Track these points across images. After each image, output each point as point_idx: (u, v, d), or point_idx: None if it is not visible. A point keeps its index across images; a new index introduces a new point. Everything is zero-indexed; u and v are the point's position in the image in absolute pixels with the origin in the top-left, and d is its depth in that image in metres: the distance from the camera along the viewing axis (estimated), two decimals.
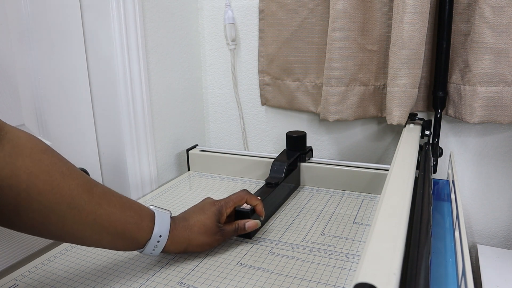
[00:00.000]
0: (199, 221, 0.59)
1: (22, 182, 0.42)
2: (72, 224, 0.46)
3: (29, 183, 0.42)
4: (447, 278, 0.52)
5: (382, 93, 0.91)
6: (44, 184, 0.43)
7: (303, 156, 0.88)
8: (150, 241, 0.54)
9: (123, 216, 0.51)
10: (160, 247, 0.55)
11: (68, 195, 0.45)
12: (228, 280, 0.55)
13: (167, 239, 0.55)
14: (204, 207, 0.61)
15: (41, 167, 0.43)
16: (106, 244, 0.51)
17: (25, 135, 0.44)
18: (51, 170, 0.44)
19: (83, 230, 0.47)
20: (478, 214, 0.93)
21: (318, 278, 0.55)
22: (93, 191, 0.48)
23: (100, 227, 0.48)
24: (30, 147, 0.43)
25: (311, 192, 0.84)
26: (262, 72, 1.05)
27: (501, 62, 0.77)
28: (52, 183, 0.44)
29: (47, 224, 0.45)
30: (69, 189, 0.45)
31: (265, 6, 0.99)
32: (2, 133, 0.42)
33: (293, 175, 0.84)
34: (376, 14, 0.87)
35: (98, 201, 0.48)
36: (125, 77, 0.82)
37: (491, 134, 0.88)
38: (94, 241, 0.50)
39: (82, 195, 0.46)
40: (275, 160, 0.81)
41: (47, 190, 0.43)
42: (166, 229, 0.55)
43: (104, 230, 0.49)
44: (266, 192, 0.72)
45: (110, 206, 0.49)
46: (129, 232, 0.51)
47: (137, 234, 0.53)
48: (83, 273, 0.58)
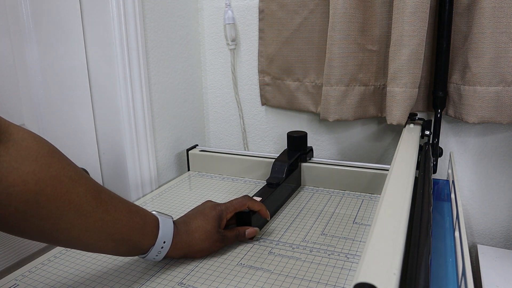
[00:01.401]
0: (200, 226, 0.59)
1: (30, 189, 0.40)
2: (79, 231, 0.45)
3: (38, 190, 0.40)
4: (447, 278, 0.52)
5: (382, 93, 0.91)
6: (53, 191, 0.42)
7: (304, 156, 0.88)
8: (154, 247, 0.54)
9: (129, 222, 0.50)
10: (163, 253, 0.55)
11: (76, 202, 0.44)
12: (228, 280, 0.55)
13: (170, 245, 0.55)
14: (205, 211, 0.61)
15: (49, 173, 0.42)
16: (110, 250, 0.50)
17: (31, 137, 0.42)
18: (60, 175, 0.42)
19: (89, 237, 0.46)
20: (478, 214, 0.93)
21: (318, 278, 0.55)
22: (101, 197, 0.47)
23: (106, 234, 0.48)
24: (37, 150, 0.41)
25: (311, 192, 0.84)
26: (262, 72, 1.05)
27: (501, 62, 0.77)
28: (61, 190, 0.42)
29: (54, 231, 0.44)
30: (78, 196, 0.44)
31: (265, 6, 0.99)
32: (6, 135, 0.39)
33: (294, 175, 0.84)
34: (376, 14, 0.87)
35: (105, 207, 0.47)
36: (125, 77, 0.82)
37: (491, 134, 0.88)
38: (98, 248, 0.49)
39: (90, 201, 0.45)
40: (276, 160, 0.81)
41: (56, 197, 0.42)
42: (169, 235, 0.55)
43: (110, 237, 0.48)
44: (268, 193, 0.72)
45: (117, 213, 0.49)
46: (134, 238, 0.51)
47: (142, 241, 0.52)
48: (83, 273, 0.58)
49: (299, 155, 0.86)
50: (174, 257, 0.59)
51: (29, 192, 0.40)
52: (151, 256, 0.55)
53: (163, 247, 0.55)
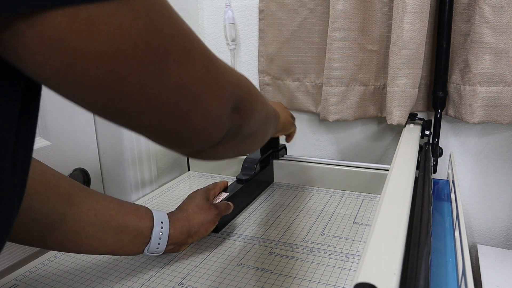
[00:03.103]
0: (190, 203, 0.62)
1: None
2: (73, 222, 0.46)
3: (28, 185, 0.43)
4: (447, 278, 0.52)
5: (382, 93, 0.91)
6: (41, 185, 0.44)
7: (276, 153, 0.90)
8: (153, 230, 0.54)
9: (121, 208, 0.52)
10: (165, 235, 0.56)
11: (65, 193, 0.46)
12: (228, 280, 0.55)
13: (169, 226, 0.56)
14: (191, 195, 0.65)
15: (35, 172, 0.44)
16: (112, 243, 0.51)
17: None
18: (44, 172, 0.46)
19: (85, 228, 0.48)
20: (478, 214, 0.93)
21: (318, 278, 0.55)
22: (88, 191, 0.50)
23: (102, 223, 0.49)
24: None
25: (311, 192, 0.84)
26: (262, 72, 1.05)
27: (501, 62, 0.77)
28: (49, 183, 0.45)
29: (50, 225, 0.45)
30: (65, 188, 0.47)
31: (265, 6, 0.99)
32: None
33: (265, 172, 0.87)
34: (376, 14, 0.87)
35: (94, 198, 0.50)
36: None
37: (491, 134, 0.88)
38: (99, 241, 0.50)
39: (79, 193, 0.48)
40: (246, 157, 0.83)
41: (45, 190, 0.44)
42: (164, 216, 0.57)
43: (107, 226, 0.50)
44: (236, 188, 0.75)
45: (106, 201, 0.51)
46: (131, 223, 0.52)
47: (139, 224, 0.53)
48: (83, 273, 0.58)
49: (271, 152, 0.88)
50: (180, 242, 0.59)
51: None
52: (154, 242, 0.54)
53: (163, 227, 0.55)
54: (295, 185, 0.88)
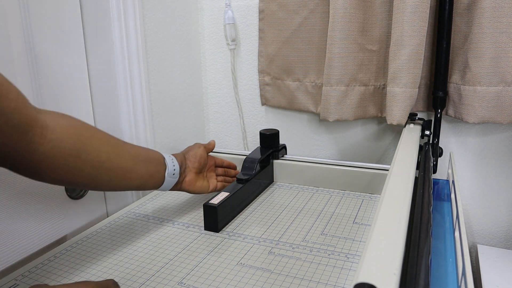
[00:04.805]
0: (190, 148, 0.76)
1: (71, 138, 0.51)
2: (116, 158, 0.57)
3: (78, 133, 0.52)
4: (447, 278, 0.52)
5: (382, 93, 0.92)
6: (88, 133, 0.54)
7: (276, 153, 0.90)
8: (166, 157, 0.67)
9: (142, 148, 0.65)
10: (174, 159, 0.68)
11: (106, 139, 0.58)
12: (228, 280, 0.55)
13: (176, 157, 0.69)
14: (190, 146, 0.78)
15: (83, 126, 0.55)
16: (145, 172, 0.62)
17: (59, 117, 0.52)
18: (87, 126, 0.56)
19: (125, 162, 0.59)
20: (478, 214, 0.93)
21: (318, 278, 0.55)
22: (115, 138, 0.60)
23: (135, 158, 0.61)
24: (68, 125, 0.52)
25: (311, 192, 0.84)
26: (262, 72, 1.05)
27: (501, 62, 0.77)
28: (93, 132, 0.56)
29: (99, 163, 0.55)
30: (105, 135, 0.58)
31: (265, 6, 0.99)
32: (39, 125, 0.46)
33: (266, 172, 0.87)
34: (376, 14, 0.87)
35: (122, 141, 0.61)
36: (125, 77, 0.82)
37: (491, 134, 0.88)
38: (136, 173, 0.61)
39: (115, 138, 0.60)
40: (247, 157, 0.83)
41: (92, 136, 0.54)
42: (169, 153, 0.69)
43: (138, 158, 0.61)
44: (236, 188, 0.74)
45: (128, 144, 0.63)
46: (151, 155, 0.65)
47: (157, 155, 0.66)
48: (83, 273, 0.58)
49: (271, 152, 0.88)
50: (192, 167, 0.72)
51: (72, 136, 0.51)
52: (170, 165, 0.67)
53: (172, 158, 0.68)
54: (295, 185, 0.88)
